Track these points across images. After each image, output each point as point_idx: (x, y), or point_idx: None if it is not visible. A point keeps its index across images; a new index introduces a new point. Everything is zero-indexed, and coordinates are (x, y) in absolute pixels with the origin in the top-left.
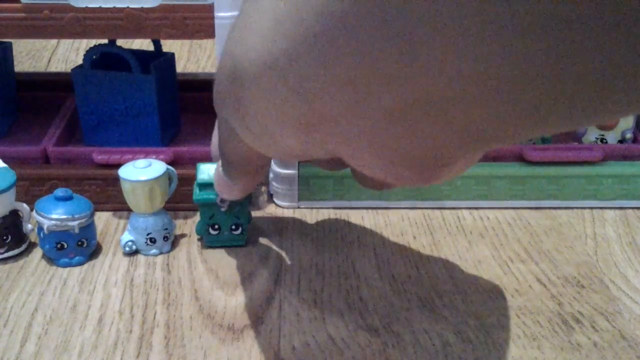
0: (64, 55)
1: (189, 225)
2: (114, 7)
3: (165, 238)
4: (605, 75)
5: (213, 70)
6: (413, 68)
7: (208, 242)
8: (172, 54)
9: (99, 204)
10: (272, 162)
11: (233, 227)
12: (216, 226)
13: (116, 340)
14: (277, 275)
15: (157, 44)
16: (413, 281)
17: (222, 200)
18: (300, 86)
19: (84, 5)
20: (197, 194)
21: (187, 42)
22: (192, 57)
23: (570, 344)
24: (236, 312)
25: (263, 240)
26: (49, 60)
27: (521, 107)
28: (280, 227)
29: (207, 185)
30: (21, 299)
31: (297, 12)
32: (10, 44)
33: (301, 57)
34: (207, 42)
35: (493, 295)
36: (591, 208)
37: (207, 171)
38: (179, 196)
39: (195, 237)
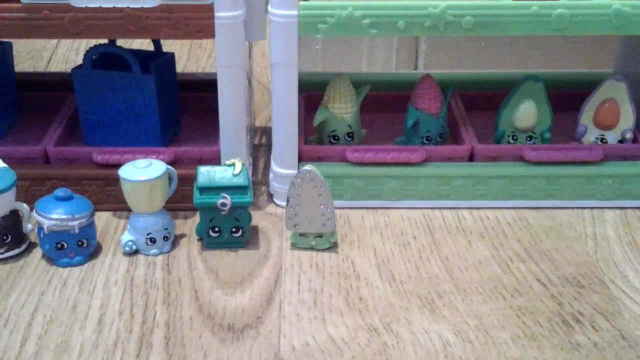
0: (64, 55)
1: (189, 225)
2: (114, 7)
3: (165, 238)
4: None
5: (213, 70)
6: None
7: (208, 244)
8: (172, 54)
9: (99, 204)
10: (272, 162)
11: (233, 229)
12: (216, 229)
13: (116, 340)
14: (277, 275)
15: (157, 44)
16: (413, 281)
17: (223, 204)
18: None
19: (84, 5)
20: (198, 198)
21: (187, 42)
22: (192, 57)
23: (570, 344)
24: (236, 312)
25: (263, 240)
26: (49, 60)
27: None
28: (280, 227)
29: (207, 189)
30: (21, 299)
31: None
32: (10, 44)
33: None
34: (207, 42)
35: (493, 295)
36: (591, 208)
37: (207, 174)
38: (179, 196)
39: (195, 237)
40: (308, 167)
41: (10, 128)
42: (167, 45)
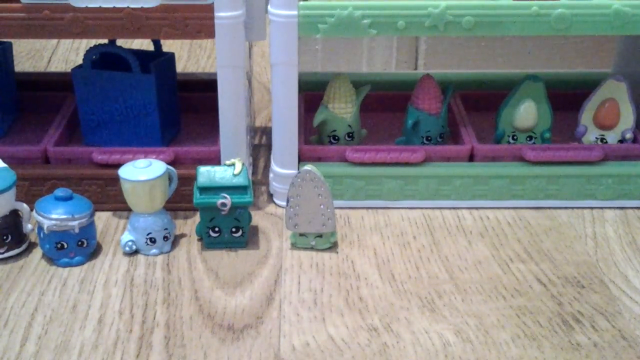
0: (64, 55)
1: (189, 225)
2: (114, 7)
3: (165, 238)
4: None
5: (213, 70)
6: None
7: (208, 244)
8: (172, 54)
9: (99, 204)
10: (272, 162)
11: (233, 229)
12: (216, 229)
13: (116, 340)
14: (277, 275)
15: (157, 44)
16: (413, 281)
17: (223, 204)
18: None
19: (84, 5)
20: (198, 198)
21: (187, 42)
22: (192, 57)
23: (570, 344)
24: (236, 312)
25: (263, 240)
26: (49, 60)
27: None
28: (280, 227)
29: (207, 189)
30: (21, 299)
31: None
32: (10, 44)
33: None
34: (207, 42)
35: (493, 295)
36: (591, 208)
37: (207, 174)
38: (179, 196)
39: (195, 237)
40: (308, 167)
41: (10, 128)
42: (167, 45)
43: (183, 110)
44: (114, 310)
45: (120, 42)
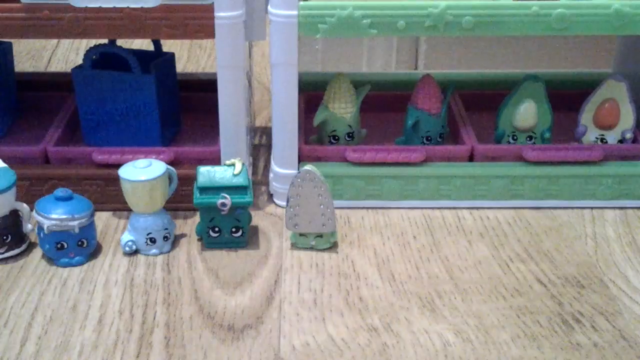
0: (64, 55)
1: (189, 225)
2: (114, 7)
3: (165, 238)
4: None
5: (213, 70)
6: None
7: (208, 244)
8: (172, 54)
9: (99, 204)
10: (272, 162)
11: (233, 229)
12: (216, 229)
13: (116, 340)
14: (277, 275)
15: (157, 44)
16: (413, 281)
17: (223, 204)
18: None
19: (84, 5)
20: (198, 198)
21: (187, 42)
22: (192, 57)
23: (570, 344)
24: (236, 312)
25: (263, 240)
26: (49, 60)
27: None
28: (280, 227)
29: (207, 189)
30: (21, 299)
31: None
32: (10, 44)
33: None
34: (207, 42)
35: (493, 295)
36: (591, 208)
37: (207, 174)
38: (179, 196)
39: (195, 237)
40: (308, 167)
41: (10, 128)
42: (167, 45)
43: (183, 110)
44: (114, 310)
45: (120, 42)
